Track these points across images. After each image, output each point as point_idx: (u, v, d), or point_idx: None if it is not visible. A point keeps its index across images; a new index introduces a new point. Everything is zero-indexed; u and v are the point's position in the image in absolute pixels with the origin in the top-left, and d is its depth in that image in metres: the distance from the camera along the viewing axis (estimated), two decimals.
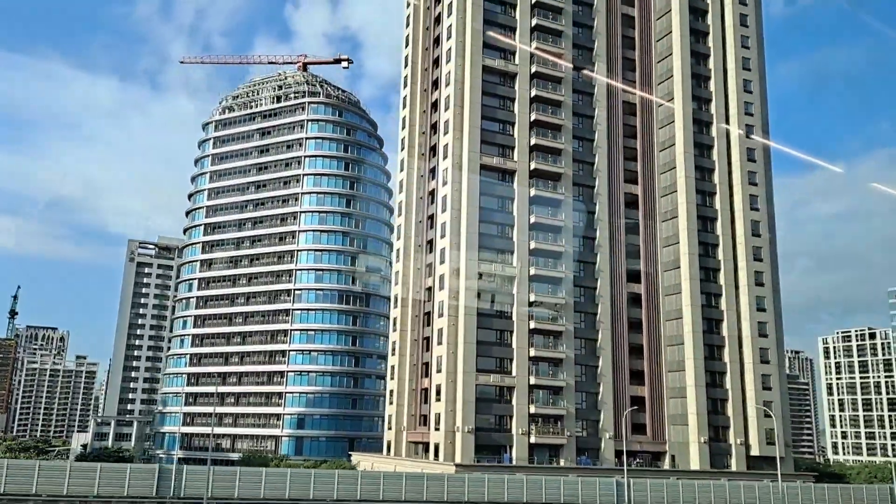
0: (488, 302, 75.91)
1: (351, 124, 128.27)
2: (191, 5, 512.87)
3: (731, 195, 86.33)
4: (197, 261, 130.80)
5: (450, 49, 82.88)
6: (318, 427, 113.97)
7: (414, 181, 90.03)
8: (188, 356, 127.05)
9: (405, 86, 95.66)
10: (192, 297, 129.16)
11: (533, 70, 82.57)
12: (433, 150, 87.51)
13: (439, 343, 75.94)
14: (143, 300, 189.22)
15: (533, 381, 74.87)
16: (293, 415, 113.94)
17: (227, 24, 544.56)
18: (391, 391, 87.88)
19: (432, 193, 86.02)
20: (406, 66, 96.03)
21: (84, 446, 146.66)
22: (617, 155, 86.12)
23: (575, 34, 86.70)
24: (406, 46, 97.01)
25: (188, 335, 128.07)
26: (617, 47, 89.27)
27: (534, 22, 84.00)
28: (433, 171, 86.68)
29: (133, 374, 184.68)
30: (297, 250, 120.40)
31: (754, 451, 79.18)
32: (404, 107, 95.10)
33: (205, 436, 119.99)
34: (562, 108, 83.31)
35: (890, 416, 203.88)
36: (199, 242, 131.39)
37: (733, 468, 78.14)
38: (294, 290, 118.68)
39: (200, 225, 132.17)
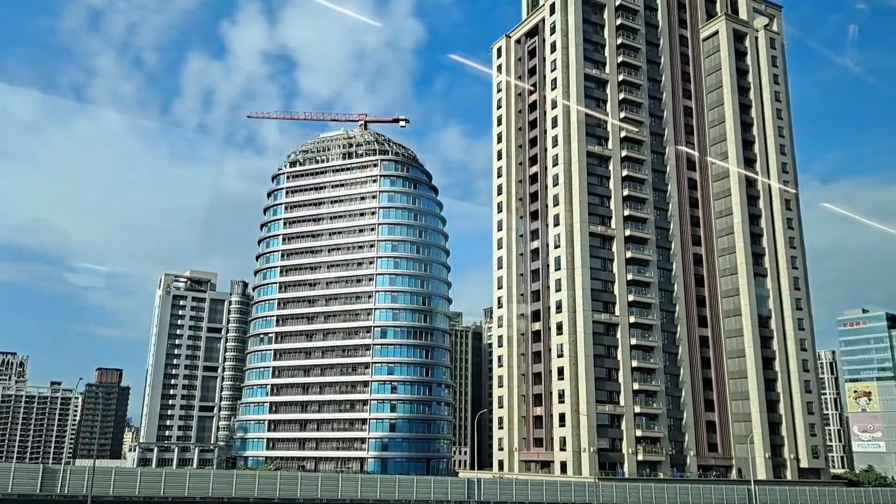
0: (600, 345, 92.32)
1: (416, 179, 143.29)
2: (122, 18, 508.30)
3: (776, 251, 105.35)
4: (274, 299, 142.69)
5: (556, 136, 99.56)
6: (399, 449, 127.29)
7: (514, 240, 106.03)
8: (269, 386, 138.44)
9: (499, 158, 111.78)
10: (271, 333, 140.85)
11: (623, 154, 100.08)
12: (534, 215, 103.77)
13: (560, 378, 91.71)
14: (178, 330, 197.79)
15: (637, 409, 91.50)
16: (378, 439, 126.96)
17: (159, 39, 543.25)
18: (500, 418, 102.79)
19: (536, 252, 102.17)
20: (500, 141, 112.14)
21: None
22: (685, 222, 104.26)
23: (650, 107, 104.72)
24: (499, 125, 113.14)
25: (268, 367, 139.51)
26: (680, 118, 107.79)
27: (621, 96, 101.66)
28: (535, 233, 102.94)
29: (171, 401, 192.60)
30: (375, 291, 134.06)
31: (803, 464, 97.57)
32: (499, 175, 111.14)
33: (287, 459, 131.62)
34: (645, 184, 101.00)
35: (839, 430, 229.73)
36: (275, 282, 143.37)
37: (788, 477, 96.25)
38: (374, 326, 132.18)
39: (276, 267, 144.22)
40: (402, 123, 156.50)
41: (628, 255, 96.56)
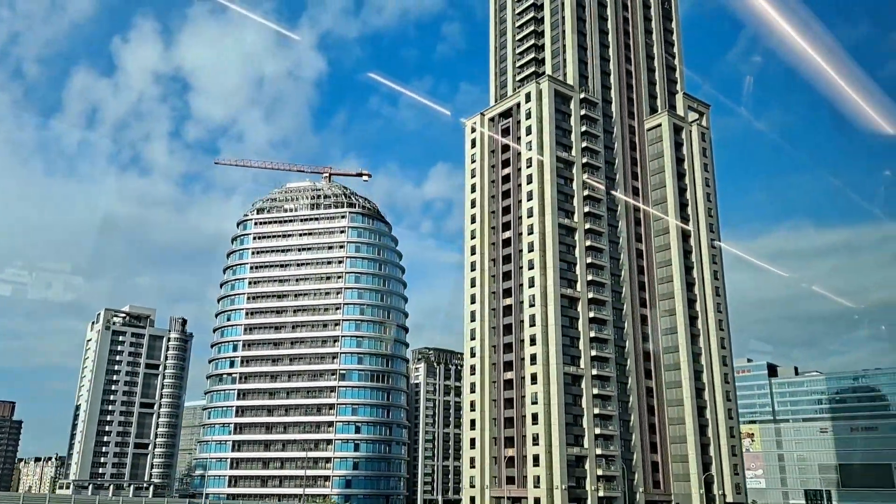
0: (569, 394, 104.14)
1: (379, 230, 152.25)
2: (3, 27, 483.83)
3: (707, 309, 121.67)
4: (239, 340, 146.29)
5: (531, 208, 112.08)
6: (361, 486, 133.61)
7: (486, 296, 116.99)
8: (232, 425, 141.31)
9: (473, 221, 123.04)
10: (235, 373, 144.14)
11: (586, 226, 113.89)
12: (507, 275, 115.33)
13: (535, 423, 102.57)
14: (116, 366, 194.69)
15: (598, 451, 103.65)
16: (342, 476, 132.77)
17: (43, 51, 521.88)
18: (472, 458, 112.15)
19: (508, 308, 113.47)
20: (474, 206, 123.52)
21: None
22: (635, 286, 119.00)
23: (607, 185, 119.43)
24: (473, 192, 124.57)
25: (231, 406, 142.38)
26: (629, 195, 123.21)
27: (584, 176, 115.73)
28: (507, 291, 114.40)
29: (105, 438, 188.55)
30: (342, 336, 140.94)
31: (729, 499, 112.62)
32: (473, 237, 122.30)
33: (250, 496, 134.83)
34: (603, 253, 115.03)
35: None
36: (240, 324, 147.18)
37: None
38: (339, 370, 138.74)
39: (242, 309, 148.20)
40: (365, 178, 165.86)
41: (591, 314, 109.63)
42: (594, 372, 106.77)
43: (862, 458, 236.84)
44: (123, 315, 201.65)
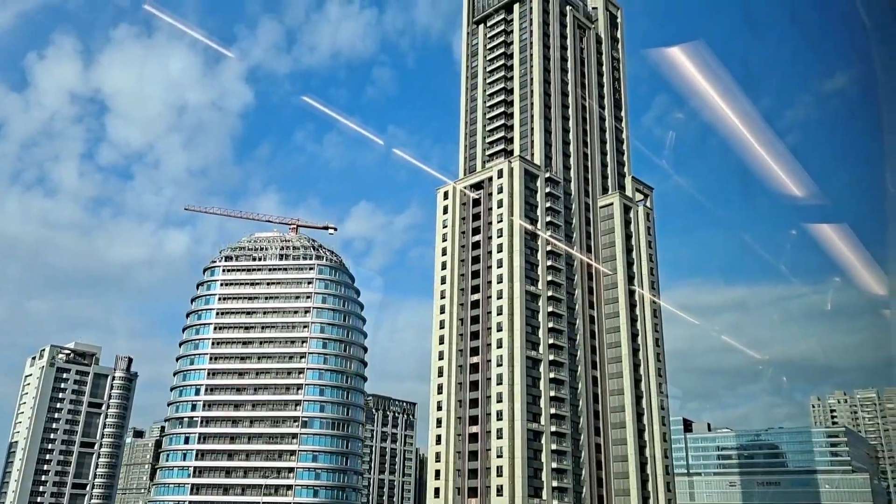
0: (531, 448, 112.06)
1: (344, 283, 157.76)
2: None
3: (648, 366, 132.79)
4: (202, 385, 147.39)
5: (500, 275, 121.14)
6: None
7: (454, 356, 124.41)
8: (191, 468, 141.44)
9: (443, 282, 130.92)
10: (197, 417, 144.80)
11: (549, 294, 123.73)
12: (474, 335, 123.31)
13: (499, 476, 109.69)
14: (58, 404, 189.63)
15: (555, 483, 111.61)
16: None
17: None
18: (436, 488, 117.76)
19: (475, 366, 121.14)
20: (444, 268, 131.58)
21: None
22: (587, 347, 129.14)
23: (566, 257, 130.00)
24: (443, 255, 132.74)
25: (191, 449, 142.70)
26: (584, 265, 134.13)
27: (548, 247, 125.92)
28: (475, 350, 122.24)
29: (44, 477, 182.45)
30: (305, 384, 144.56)
31: None
32: (442, 297, 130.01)
33: None
34: (562, 319, 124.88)
35: None
36: (204, 369, 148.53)
37: None
38: (301, 417, 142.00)
39: (206, 353, 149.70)
40: (331, 231, 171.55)
41: (551, 375, 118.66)
42: (552, 429, 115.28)
43: None
44: (68, 352, 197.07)
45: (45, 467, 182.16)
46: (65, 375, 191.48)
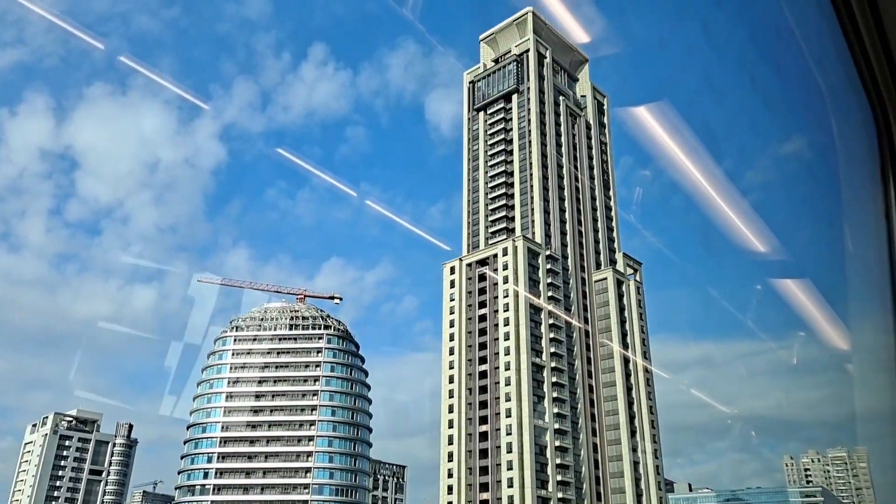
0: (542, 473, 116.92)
1: (351, 351, 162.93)
2: None
3: (644, 432, 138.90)
4: (214, 452, 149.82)
5: (508, 347, 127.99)
6: None
7: (463, 424, 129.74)
8: None
9: (451, 353, 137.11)
10: (209, 484, 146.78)
11: (552, 365, 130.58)
12: (483, 404, 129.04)
13: (510, 486, 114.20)
14: (60, 472, 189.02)
15: (560, 495, 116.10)
16: None
17: None
18: None
19: (485, 434, 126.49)
20: (452, 340, 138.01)
21: None
22: (588, 415, 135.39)
23: (566, 328, 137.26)
24: (451, 327, 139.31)
25: None
26: (582, 336, 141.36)
27: (551, 320, 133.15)
28: (483, 419, 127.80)
29: None
30: (315, 451, 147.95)
31: None
32: (451, 367, 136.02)
33: None
34: (564, 388, 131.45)
35: None
36: (215, 437, 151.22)
37: None
38: (312, 483, 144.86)
39: (217, 422, 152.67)
40: (336, 301, 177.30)
41: (557, 443, 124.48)
42: (559, 496, 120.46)
43: None
44: (70, 419, 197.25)
45: None
46: (67, 443, 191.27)
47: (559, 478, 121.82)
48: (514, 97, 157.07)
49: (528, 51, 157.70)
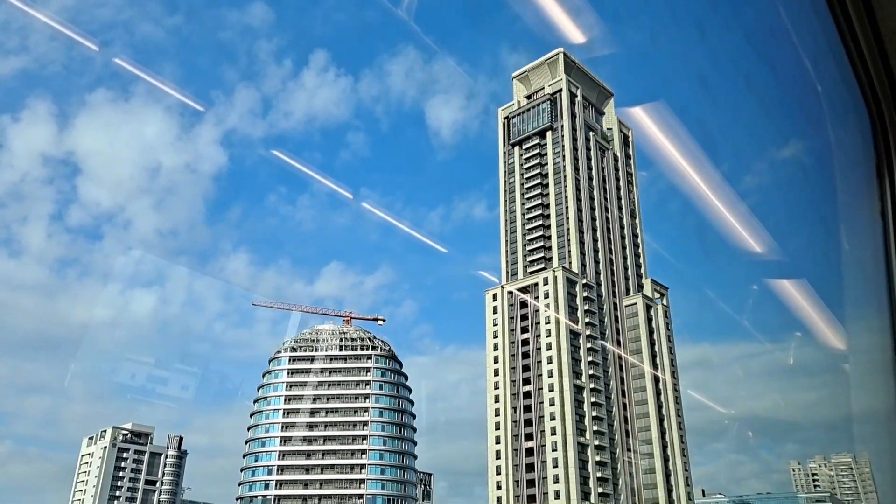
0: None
1: (396, 370, 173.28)
2: None
3: (674, 446, 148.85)
4: (274, 465, 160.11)
5: (551, 370, 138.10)
6: None
7: (509, 441, 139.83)
8: None
9: (496, 374, 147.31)
10: (270, 495, 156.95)
11: (591, 386, 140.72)
12: (528, 422, 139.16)
13: (556, 499, 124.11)
14: (119, 482, 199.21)
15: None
16: None
17: None
18: None
19: (530, 450, 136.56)
20: (496, 362, 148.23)
21: None
22: (623, 431, 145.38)
23: (602, 350, 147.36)
24: (495, 350, 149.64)
25: None
26: (617, 358, 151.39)
27: (588, 344, 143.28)
28: (529, 435, 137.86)
29: None
30: (368, 464, 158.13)
31: None
32: (496, 388, 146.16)
33: None
34: (602, 407, 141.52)
35: None
36: (274, 451, 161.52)
37: None
38: (367, 494, 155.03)
39: (276, 437, 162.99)
40: (380, 322, 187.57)
41: (597, 458, 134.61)
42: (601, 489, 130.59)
43: None
44: (126, 432, 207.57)
45: None
46: (124, 455, 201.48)
47: (600, 490, 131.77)
48: (549, 134, 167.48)
49: (560, 90, 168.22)
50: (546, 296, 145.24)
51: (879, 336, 4.92)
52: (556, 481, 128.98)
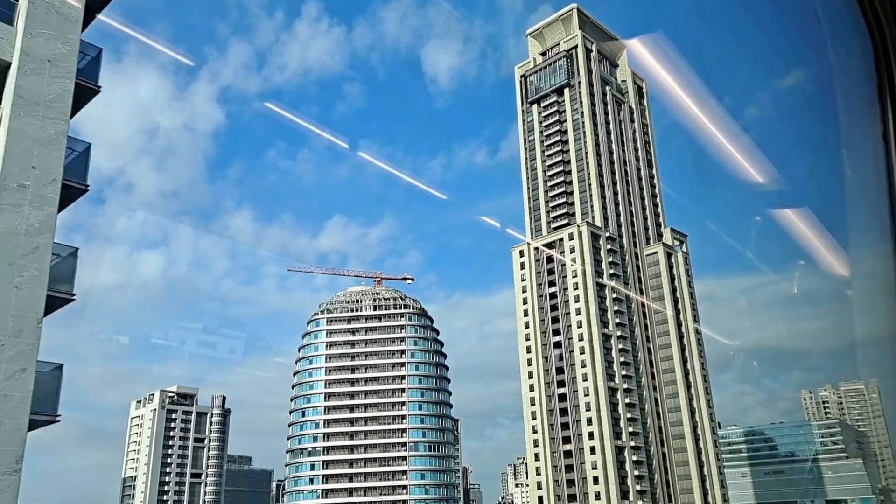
0: (617, 461, 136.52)
1: (428, 326, 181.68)
2: None
3: (697, 385, 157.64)
4: (320, 420, 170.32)
5: (580, 321, 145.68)
6: None
7: (542, 388, 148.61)
8: (319, 491, 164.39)
9: (526, 327, 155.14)
10: (319, 447, 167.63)
11: (618, 333, 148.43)
12: (560, 370, 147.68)
13: (595, 483, 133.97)
14: (170, 441, 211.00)
15: (638, 487, 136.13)
16: None
17: None
18: (539, 497, 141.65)
19: (563, 396, 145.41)
20: (526, 315, 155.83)
21: None
22: (648, 374, 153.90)
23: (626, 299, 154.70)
24: (524, 304, 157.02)
25: (317, 475, 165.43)
26: (640, 306, 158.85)
27: (613, 295, 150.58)
28: (561, 383, 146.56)
29: None
30: (408, 414, 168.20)
31: None
32: (527, 339, 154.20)
33: None
34: (629, 353, 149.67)
35: None
36: (320, 406, 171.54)
37: None
38: (409, 441, 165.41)
39: (320, 393, 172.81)
40: (409, 281, 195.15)
41: (626, 400, 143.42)
42: (631, 444, 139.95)
43: (774, 497, 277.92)
44: (172, 394, 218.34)
45: (164, 497, 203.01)
46: (173, 416, 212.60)
47: (630, 429, 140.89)
48: (566, 91, 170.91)
49: (576, 47, 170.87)
50: (572, 251, 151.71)
51: (882, 260, 4.84)
52: (590, 423, 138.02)
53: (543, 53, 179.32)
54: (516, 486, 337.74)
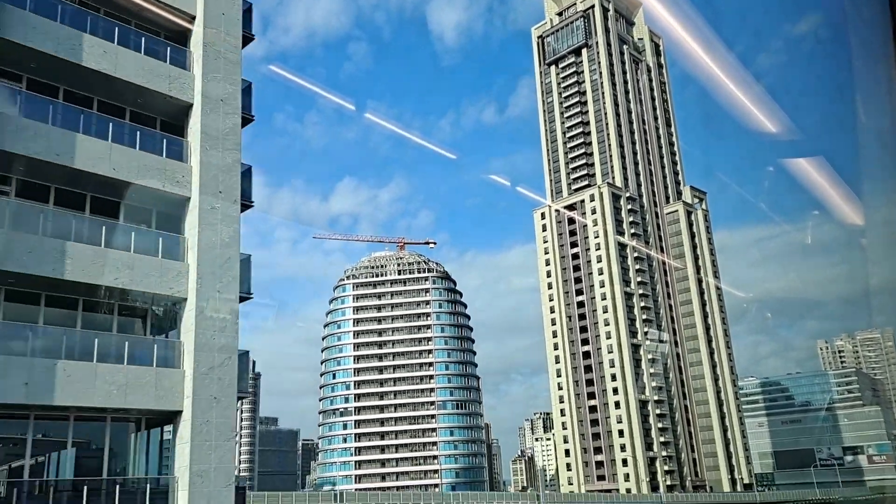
0: (641, 415, 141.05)
1: (451, 289, 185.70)
2: None
3: (717, 338, 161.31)
4: (350, 381, 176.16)
5: (602, 280, 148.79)
6: (463, 488, 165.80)
7: (566, 346, 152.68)
8: (353, 449, 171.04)
9: (549, 287, 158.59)
10: (351, 407, 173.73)
11: (640, 292, 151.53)
12: (583, 328, 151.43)
13: (620, 436, 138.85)
14: None
15: (664, 453, 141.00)
16: (448, 469, 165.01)
17: None
18: (566, 450, 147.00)
19: (587, 353, 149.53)
20: (549, 276, 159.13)
21: None
22: (670, 332, 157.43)
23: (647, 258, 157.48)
24: (547, 265, 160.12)
25: (350, 433, 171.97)
26: (660, 264, 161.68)
27: (635, 254, 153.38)
28: (585, 341, 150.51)
29: None
30: (436, 374, 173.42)
31: (746, 481, 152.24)
32: (551, 300, 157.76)
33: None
34: (651, 310, 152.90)
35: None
36: (350, 368, 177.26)
37: (739, 490, 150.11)
38: (437, 400, 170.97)
39: (350, 356, 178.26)
40: (431, 245, 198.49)
41: (649, 356, 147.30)
42: (655, 398, 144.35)
43: (791, 445, 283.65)
44: None
45: None
46: None
47: (654, 383, 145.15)
48: (584, 51, 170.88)
49: (593, 6, 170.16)
50: (593, 212, 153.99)
51: None
52: (614, 379, 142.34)
53: (560, 14, 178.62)
54: (536, 440, 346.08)
